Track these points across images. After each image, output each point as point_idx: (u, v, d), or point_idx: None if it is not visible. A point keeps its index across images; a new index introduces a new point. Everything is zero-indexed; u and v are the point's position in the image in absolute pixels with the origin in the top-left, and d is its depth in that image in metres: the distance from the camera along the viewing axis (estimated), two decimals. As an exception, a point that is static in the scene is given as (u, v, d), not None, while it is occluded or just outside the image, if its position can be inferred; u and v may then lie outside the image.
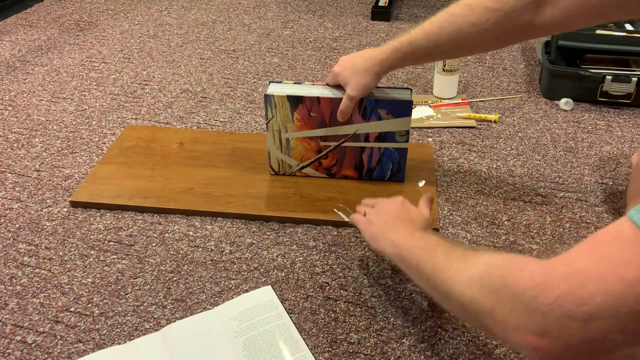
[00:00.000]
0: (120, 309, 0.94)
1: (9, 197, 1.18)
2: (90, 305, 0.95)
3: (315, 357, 0.86)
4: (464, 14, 0.92)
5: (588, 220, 1.11)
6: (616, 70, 1.44)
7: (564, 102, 1.47)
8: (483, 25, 0.90)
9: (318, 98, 1.10)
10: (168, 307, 0.94)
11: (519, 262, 0.58)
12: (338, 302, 0.95)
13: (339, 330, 0.90)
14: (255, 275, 1.00)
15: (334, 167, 1.19)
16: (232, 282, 0.99)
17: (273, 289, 0.96)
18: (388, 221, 0.89)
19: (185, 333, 0.89)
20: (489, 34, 0.91)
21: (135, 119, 1.44)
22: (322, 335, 0.89)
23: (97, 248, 1.06)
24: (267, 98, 1.11)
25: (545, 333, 0.51)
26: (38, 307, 0.94)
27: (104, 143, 1.35)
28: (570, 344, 0.51)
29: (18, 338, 0.89)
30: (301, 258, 1.03)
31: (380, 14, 1.99)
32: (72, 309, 0.94)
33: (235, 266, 1.02)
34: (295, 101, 1.11)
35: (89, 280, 0.99)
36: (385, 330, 0.90)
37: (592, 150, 1.31)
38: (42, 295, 0.97)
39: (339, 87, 1.11)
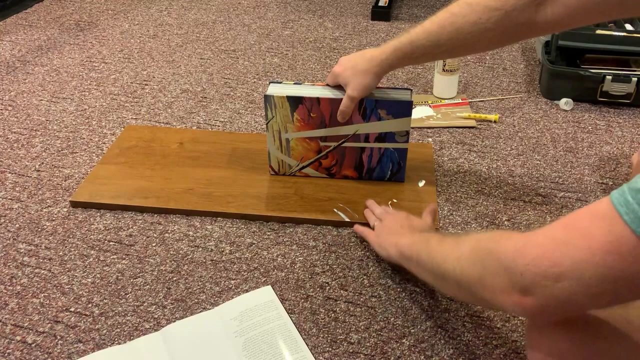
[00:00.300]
0: (120, 309, 0.94)
1: (9, 197, 1.18)
2: (90, 305, 0.95)
3: (315, 357, 0.86)
4: (464, 13, 0.92)
5: (588, 220, 1.11)
6: (616, 70, 1.44)
7: (564, 102, 1.47)
8: (484, 25, 0.90)
9: (318, 99, 1.10)
10: (168, 307, 0.94)
11: (504, 233, 0.64)
12: (338, 302, 0.95)
13: (339, 330, 0.90)
14: (255, 275, 1.00)
15: (333, 167, 1.19)
16: (232, 282, 0.99)
17: (273, 289, 0.96)
18: (392, 230, 0.96)
19: (185, 333, 0.89)
20: (490, 33, 0.91)
21: (135, 119, 1.44)
22: (322, 335, 0.89)
23: (97, 248, 1.06)
24: (267, 98, 1.11)
25: (525, 291, 0.58)
26: (38, 307, 0.94)
27: (104, 143, 1.35)
28: (545, 301, 0.58)
29: (18, 338, 0.89)
30: (301, 258, 1.03)
31: (380, 14, 1.99)
32: (72, 309, 0.94)
33: (235, 266, 1.02)
34: (295, 102, 1.11)
35: (89, 280, 0.99)
36: (385, 330, 0.90)
37: (592, 150, 1.31)
38: (42, 295, 0.97)
39: (339, 87, 1.11)
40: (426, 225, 0.97)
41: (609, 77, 1.41)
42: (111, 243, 1.07)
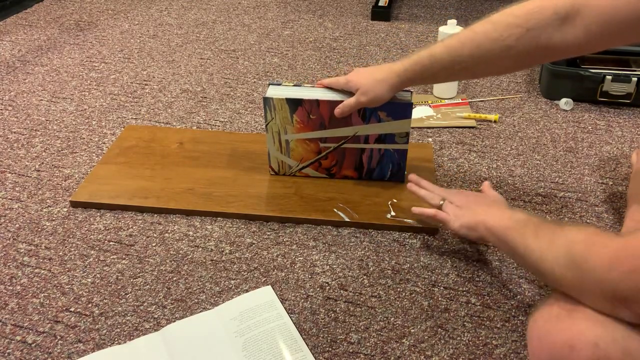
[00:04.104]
0: (120, 309, 0.94)
1: (9, 197, 1.18)
2: (90, 305, 0.95)
3: (315, 357, 0.86)
4: (486, 31, 0.92)
5: (588, 220, 1.11)
6: (616, 70, 1.44)
7: (564, 102, 1.47)
8: (504, 42, 0.89)
9: (317, 101, 1.10)
10: (168, 307, 0.94)
11: (599, 238, 0.65)
12: (338, 302, 0.95)
13: (339, 330, 0.90)
14: (255, 275, 1.00)
15: (333, 167, 1.19)
16: (232, 282, 0.99)
17: (273, 289, 0.96)
18: (476, 210, 0.96)
19: (185, 333, 0.89)
20: (511, 50, 0.90)
21: (135, 119, 1.45)
22: (322, 335, 0.89)
23: (97, 248, 1.06)
24: (266, 101, 1.11)
25: (623, 301, 0.60)
26: (38, 307, 0.94)
27: (104, 143, 1.35)
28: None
29: (18, 338, 0.89)
30: (301, 258, 1.03)
31: (380, 14, 1.99)
32: (72, 309, 0.94)
33: (235, 266, 1.02)
34: (294, 104, 1.11)
35: (89, 280, 0.99)
36: (385, 330, 0.90)
37: (592, 150, 1.31)
38: (42, 295, 0.97)
39: (339, 90, 1.10)
40: (499, 198, 1.01)
41: (609, 77, 1.41)
42: (111, 243, 1.07)
